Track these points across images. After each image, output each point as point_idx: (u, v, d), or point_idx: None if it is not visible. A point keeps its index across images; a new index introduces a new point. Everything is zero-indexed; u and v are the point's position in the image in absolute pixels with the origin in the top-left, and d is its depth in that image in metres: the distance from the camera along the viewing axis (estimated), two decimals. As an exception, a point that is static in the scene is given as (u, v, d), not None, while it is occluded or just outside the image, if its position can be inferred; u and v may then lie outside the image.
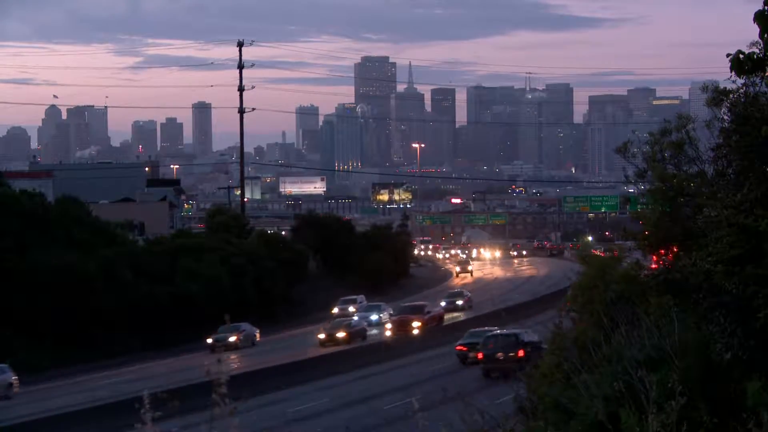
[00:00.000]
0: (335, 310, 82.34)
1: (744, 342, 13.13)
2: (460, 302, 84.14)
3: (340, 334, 65.24)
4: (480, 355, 48.40)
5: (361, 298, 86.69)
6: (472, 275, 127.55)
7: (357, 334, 66.83)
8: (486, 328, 55.96)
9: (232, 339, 67.79)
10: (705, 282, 14.44)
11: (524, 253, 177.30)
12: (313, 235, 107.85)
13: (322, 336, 65.73)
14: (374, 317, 76.25)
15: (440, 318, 73.36)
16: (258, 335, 71.83)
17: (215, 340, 65.63)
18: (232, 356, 62.66)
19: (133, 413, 8.17)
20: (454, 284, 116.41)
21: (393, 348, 61.47)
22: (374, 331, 70.54)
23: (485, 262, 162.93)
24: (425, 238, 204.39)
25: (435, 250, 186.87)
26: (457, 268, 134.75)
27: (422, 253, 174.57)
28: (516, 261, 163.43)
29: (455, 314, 78.93)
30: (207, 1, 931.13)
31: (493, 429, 14.70)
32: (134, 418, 8.17)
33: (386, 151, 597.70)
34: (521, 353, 46.33)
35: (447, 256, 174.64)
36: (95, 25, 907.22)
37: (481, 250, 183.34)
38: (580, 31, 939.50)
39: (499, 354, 47.71)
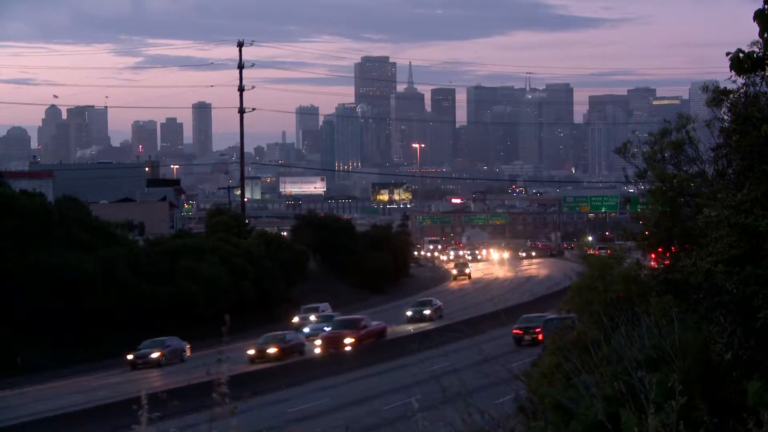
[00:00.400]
0: (296, 319, 76.81)
1: (744, 342, 13.13)
2: (427, 312, 77.53)
3: (271, 350, 59.00)
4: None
5: (324, 306, 79.93)
6: (470, 278, 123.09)
7: (292, 349, 60.14)
8: (537, 314, 58.89)
9: (155, 355, 61.98)
10: (705, 282, 14.43)
11: (533, 254, 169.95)
12: (313, 235, 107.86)
13: (251, 352, 58.83)
14: (329, 328, 68.19)
15: (379, 333, 65.82)
16: (188, 350, 64.33)
17: (136, 356, 61.56)
18: (154, 373, 57.56)
19: (133, 413, 8.17)
20: (451, 287, 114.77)
21: (313, 368, 55.59)
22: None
23: (493, 264, 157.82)
24: (433, 238, 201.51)
25: (443, 250, 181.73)
26: (454, 271, 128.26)
27: (429, 254, 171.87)
28: (525, 262, 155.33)
29: (422, 325, 72.50)
30: (207, 1, 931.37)
31: (493, 429, 14.69)
32: (134, 418, 8.17)
33: (386, 151, 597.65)
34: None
35: (453, 256, 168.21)
36: (95, 25, 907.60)
37: (492, 250, 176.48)
38: (580, 31, 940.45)
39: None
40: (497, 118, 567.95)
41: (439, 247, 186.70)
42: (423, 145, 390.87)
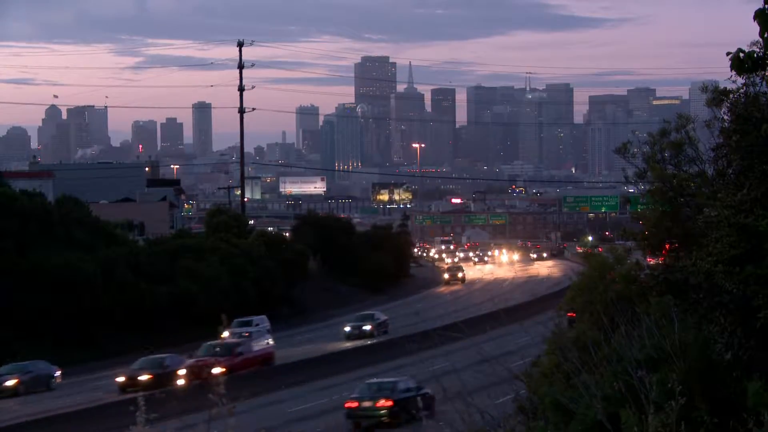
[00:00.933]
0: (225, 334, 62.47)
1: (744, 342, 13.12)
2: (367, 327, 70.23)
3: (144, 377, 50.33)
4: None
5: (260, 319, 69.19)
6: (463, 282, 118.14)
7: (170, 377, 50.88)
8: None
9: (10, 383, 53.77)
10: (705, 282, 14.42)
11: (544, 255, 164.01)
12: (313, 235, 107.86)
13: (121, 379, 51.11)
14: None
15: (263, 360, 56.78)
16: (58, 376, 56.60)
17: None
18: (10, 404, 50.17)
19: (133, 413, 8.17)
20: (440, 292, 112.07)
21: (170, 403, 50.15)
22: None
23: (502, 265, 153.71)
24: (445, 238, 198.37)
25: (454, 251, 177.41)
26: (446, 275, 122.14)
27: (438, 255, 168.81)
28: (536, 264, 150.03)
29: (361, 342, 66.38)
30: (208, 1, 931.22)
31: (493, 429, 14.69)
32: (134, 418, 8.17)
33: (386, 151, 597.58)
34: None
35: (462, 257, 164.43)
36: (96, 25, 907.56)
37: (504, 251, 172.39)
38: (580, 31, 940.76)
39: None
40: (497, 118, 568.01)
41: (451, 247, 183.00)
42: (423, 145, 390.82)
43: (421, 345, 41.20)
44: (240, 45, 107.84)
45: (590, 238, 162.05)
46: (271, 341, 62.84)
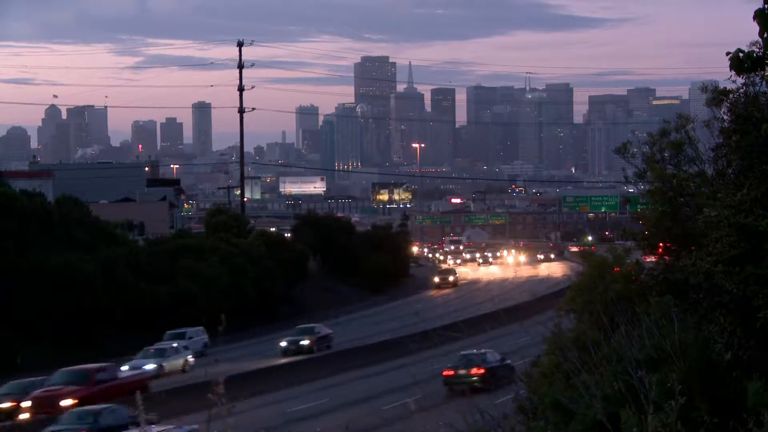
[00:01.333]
0: (154, 347, 59.89)
1: (744, 342, 13.11)
2: (305, 342, 64.12)
3: (5, 405, 44.41)
4: None
5: (195, 331, 65.32)
6: (455, 286, 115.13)
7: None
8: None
9: None
10: (705, 282, 14.41)
11: (552, 256, 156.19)
12: (313, 235, 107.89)
13: None
14: (150, 366, 54.85)
15: (133, 387, 41.82)
16: None
17: None
18: None
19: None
20: (430, 295, 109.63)
21: None
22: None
23: (508, 266, 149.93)
24: (455, 238, 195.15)
25: (462, 251, 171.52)
26: (436, 279, 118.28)
27: (450, 258, 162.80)
28: (543, 265, 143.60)
29: (298, 358, 60.71)
30: (208, 1, 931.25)
31: (493, 429, 14.69)
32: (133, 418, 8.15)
33: (386, 151, 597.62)
34: None
35: (469, 258, 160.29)
36: (96, 25, 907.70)
37: (513, 251, 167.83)
38: (580, 31, 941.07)
39: None
40: (497, 118, 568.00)
41: (461, 247, 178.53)
42: (423, 145, 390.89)
43: (421, 345, 41.40)
44: (240, 45, 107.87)
45: (590, 238, 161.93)
46: (190, 358, 57.84)
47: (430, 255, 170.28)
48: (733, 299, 13.52)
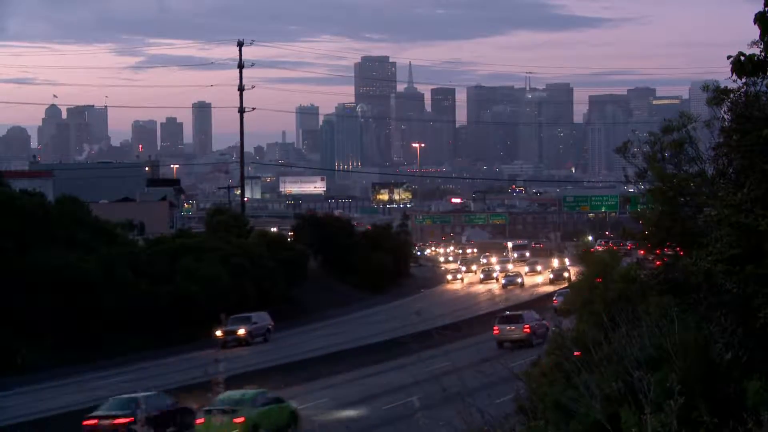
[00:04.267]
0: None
1: (744, 342, 13.11)
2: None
3: None
4: None
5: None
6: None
7: None
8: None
9: None
10: (705, 282, 14.41)
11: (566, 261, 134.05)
12: (313, 235, 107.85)
13: None
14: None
15: None
16: None
17: None
18: None
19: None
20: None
21: None
22: None
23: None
24: (519, 243, 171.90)
25: (529, 258, 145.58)
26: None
27: (475, 265, 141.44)
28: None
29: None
30: (208, 1, 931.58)
31: (493, 429, 14.68)
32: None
33: (386, 150, 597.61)
34: None
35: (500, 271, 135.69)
36: (96, 25, 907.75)
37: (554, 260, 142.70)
38: (580, 31, 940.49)
39: None
40: (497, 117, 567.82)
41: (527, 254, 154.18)
42: (423, 145, 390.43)
43: (421, 345, 41.40)
44: (240, 45, 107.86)
45: (590, 238, 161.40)
46: None
47: (441, 258, 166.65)
48: (733, 299, 13.52)
